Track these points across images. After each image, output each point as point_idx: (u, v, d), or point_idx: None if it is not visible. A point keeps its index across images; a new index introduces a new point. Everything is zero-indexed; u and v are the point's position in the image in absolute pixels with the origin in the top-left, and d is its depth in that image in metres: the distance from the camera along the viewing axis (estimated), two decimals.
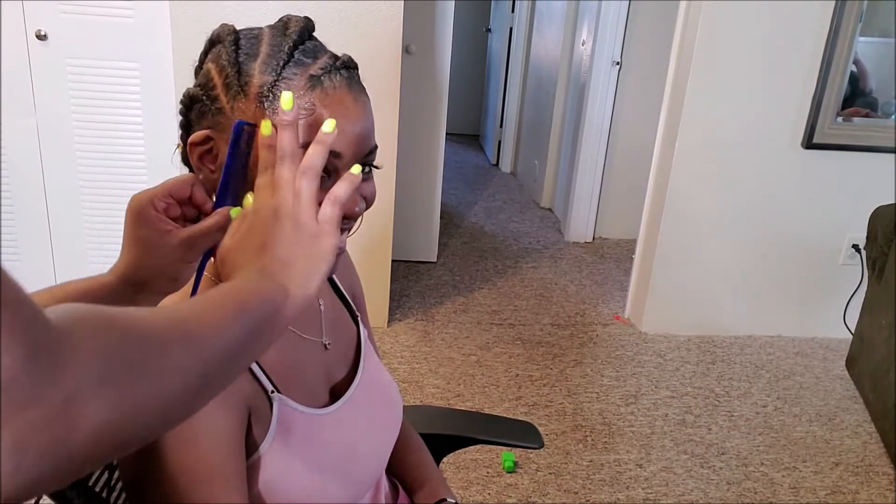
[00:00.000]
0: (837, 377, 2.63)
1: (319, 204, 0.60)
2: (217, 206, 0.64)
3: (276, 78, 0.63)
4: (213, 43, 0.67)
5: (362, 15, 2.31)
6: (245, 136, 0.63)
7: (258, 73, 0.63)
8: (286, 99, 0.60)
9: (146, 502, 0.64)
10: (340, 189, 0.60)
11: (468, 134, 6.51)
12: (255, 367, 0.69)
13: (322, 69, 0.64)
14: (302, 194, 0.58)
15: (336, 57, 0.67)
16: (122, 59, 2.32)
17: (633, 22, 3.58)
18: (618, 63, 3.62)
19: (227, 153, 0.63)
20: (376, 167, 0.71)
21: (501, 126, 5.40)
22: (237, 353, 0.48)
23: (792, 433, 2.27)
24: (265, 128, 0.61)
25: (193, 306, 0.47)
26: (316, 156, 0.59)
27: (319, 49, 0.67)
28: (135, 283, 0.63)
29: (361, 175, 0.62)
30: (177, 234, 0.62)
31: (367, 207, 0.70)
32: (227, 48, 0.65)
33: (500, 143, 5.47)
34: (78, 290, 0.61)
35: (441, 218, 3.50)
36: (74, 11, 2.25)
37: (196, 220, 0.66)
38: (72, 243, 2.49)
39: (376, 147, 0.69)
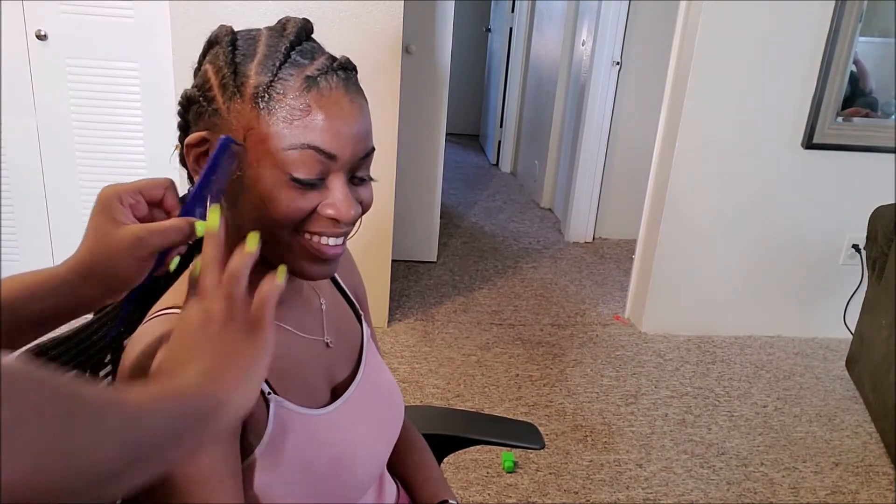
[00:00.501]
0: (837, 377, 2.63)
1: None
2: (183, 213, 0.63)
3: (272, 78, 0.63)
4: (211, 44, 0.67)
5: (362, 15, 2.31)
6: (230, 152, 0.62)
7: (254, 74, 0.63)
8: (250, 239, 0.58)
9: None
10: (266, 286, 0.58)
11: (468, 134, 6.51)
12: None
13: (318, 70, 0.64)
14: (233, 297, 0.57)
15: (333, 58, 0.66)
16: (122, 59, 2.32)
17: (633, 22, 3.58)
18: (618, 63, 3.62)
19: (207, 164, 0.62)
20: (372, 180, 0.71)
21: (501, 126, 5.40)
22: (168, 444, 0.48)
23: (792, 433, 2.27)
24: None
25: (128, 393, 0.48)
26: (241, 264, 0.57)
27: (317, 50, 0.67)
28: (83, 274, 0.62)
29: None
30: (130, 228, 0.61)
31: (364, 212, 0.70)
32: (225, 49, 0.65)
33: (500, 143, 5.47)
34: (27, 281, 0.61)
35: (441, 218, 3.50)
36: (74, 11, 2.25)
37: None
38: (72, 243, 2.48)
39: (373, 149, 0.69)
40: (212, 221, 0.59)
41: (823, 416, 2.38)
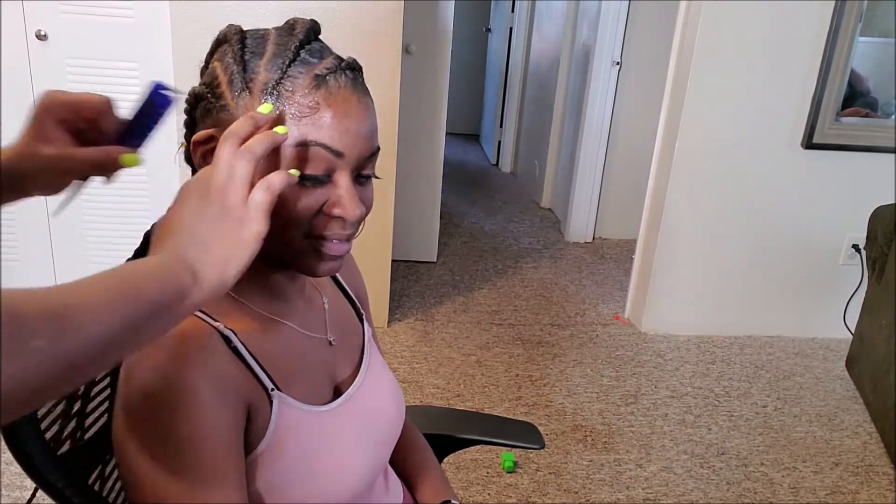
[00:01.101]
0: (837, 377, 2.63)
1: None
2: (115, 142, 0.66)
3: (281, 76, 0.63)
4: (219, 42, 0.68)
5: (362, 15, 2.31)
6: (164, 97, 0.66)
7: (263, 71, 0.64)
8: (265, 105, 0.62)
9: (144, 500, 0.64)
10: (276, 177, 0.59)
11: (468, 134, 6.52)
12: (254, 364, 0.69)
13: (327, 69, 0.64)
14: (235, 175, 0.58)
15: (341, 59, 0.67)
16: (122, 59, 2.32)
17: (633, 22, 3.58)
18: (618, 63, 3.62)
19: (139, 104, 0.65)
20: (377, 177, 0.71)
21: (501, 126, 5.40)
22: (120, 340, 0.47)
23: (792, 433, 2.27)
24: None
25: (82, 288, 0.46)
26: (258, 143, 0.59)
27: (325, 50, 0.67)
28: (8, 173, 0.63)
29: (297, 174, 0.62)
30: (45, 148, 0.61)
31: (366, 213, 0.70)
32: (234, 47, 0.66)
33: (499, 142, 5.47)
34: None
35: (441, 218, 3.50)
36: (74, 11, 2.24)
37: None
38: (72, 245, 2.49)
39: (378, 149, 0.69)
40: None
41: (823, 416, 2.38)
